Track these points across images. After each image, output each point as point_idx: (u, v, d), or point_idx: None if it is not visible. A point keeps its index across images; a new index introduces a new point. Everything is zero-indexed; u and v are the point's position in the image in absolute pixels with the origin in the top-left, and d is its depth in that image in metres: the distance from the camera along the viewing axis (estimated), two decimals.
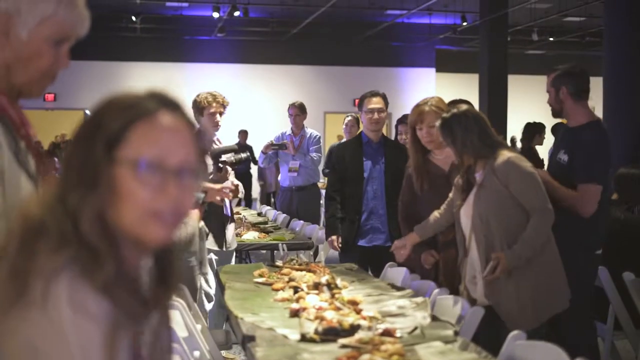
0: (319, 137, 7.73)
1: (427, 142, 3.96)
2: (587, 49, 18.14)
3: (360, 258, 4.72)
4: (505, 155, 3.37)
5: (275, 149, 7.50)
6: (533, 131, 8.55)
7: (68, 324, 1.00)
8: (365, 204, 4.89)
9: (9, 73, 1.53)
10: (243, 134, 15.24)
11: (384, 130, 5.24)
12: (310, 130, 7.70)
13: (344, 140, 7.78)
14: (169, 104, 1.17)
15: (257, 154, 14.42)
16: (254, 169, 14.59)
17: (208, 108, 5.12)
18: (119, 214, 1.10)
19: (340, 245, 4.88)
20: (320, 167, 8.06)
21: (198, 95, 5.22)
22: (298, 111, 7.77)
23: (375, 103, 5.00)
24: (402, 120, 5.82)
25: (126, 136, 1.10)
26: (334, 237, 4.90)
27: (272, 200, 14.31)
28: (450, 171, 3.94)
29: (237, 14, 14.08)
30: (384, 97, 5.09)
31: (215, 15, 14.57)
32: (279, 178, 7.94)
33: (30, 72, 1.53)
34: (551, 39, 17.15)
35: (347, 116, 8.21)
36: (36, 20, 1.50)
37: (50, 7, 1.50)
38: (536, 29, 16.14)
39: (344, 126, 8.16)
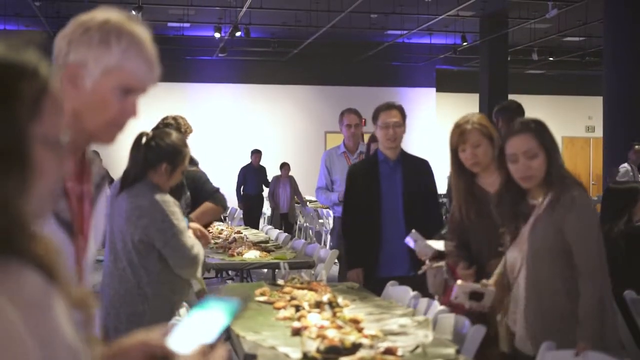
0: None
1: (472, 164, 3.45)
2: (587, 69, 18.23)
3: (382, 291, 4.10)
4: (573, 193, 2.79)
5: None
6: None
7: None
8: (383, 230, 4.41)
9: (77, 120, 1.56)
10: (256, 155, 13.31)
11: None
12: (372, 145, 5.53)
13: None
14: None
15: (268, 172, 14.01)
16: (265, 192, 13.39)
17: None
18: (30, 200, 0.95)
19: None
20: None
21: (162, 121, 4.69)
22: (357, 119, 5.78)
23: (392, 116, 4.45)
24: (374, 139, 5.08)
25: (41, 110, 0.96)
26: (358, 271, 4.44)
27: (281, 222, 12.80)
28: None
29: (238, 34, 14.16)
30: (401, 110, 4.53)
31: (217, 35, 14.65)
32: (334, 209, 5.95)
33: (98, 121, 1.58)
34: (551, 58, 17.23)
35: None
36: (100, 71, 1.54)
37: (114, 58, 1.54)
38: (536, 49, 16.22)
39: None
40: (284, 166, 13.04)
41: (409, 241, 3.83)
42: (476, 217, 3.39)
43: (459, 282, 3.10)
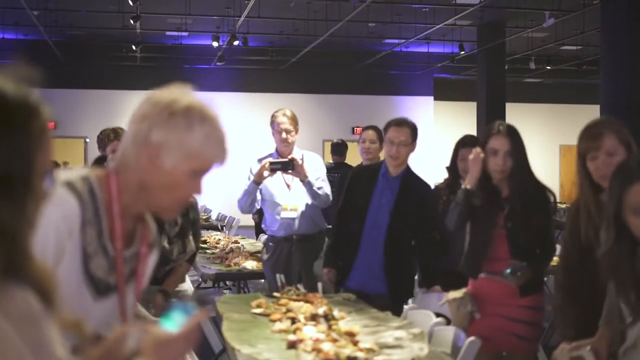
0: (321, 161, 5.13)
1: (602, 175, 2.75)
2: (584, 77, 18.28)
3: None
4: None
5: (277, 169, 4.77)
6: None
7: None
8: (362, 242, 4.31)
9: (143, 192, 1.62)
10: None
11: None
12: (304, 151, 5.07)
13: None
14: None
15: None
16: None
17: (110, 145, 4.81)
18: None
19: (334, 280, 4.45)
20: None
21: (101, 132, 5.01)
22: (290, 124, 4.95)
23: (400, 134, 4.25)
24: (465, 142, 4.69)
25: (42, 146, 1.02)
26: (331, 271, 4.46)
27: None
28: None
29: (236, 43, 14.19)
30: (413, 129, 4.29)
31: (215, 44, 14.68)
32: (264, 224, 5.15)
33: (166, 200, 1.64)
34: (548, 67, 17.27)
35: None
36: (181, 155, 1.59)
37: (196, 144, 1.59)
38: (533, 58, 16.26)
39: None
40: None
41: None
42: (598, 241, 2.61)
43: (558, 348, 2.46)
